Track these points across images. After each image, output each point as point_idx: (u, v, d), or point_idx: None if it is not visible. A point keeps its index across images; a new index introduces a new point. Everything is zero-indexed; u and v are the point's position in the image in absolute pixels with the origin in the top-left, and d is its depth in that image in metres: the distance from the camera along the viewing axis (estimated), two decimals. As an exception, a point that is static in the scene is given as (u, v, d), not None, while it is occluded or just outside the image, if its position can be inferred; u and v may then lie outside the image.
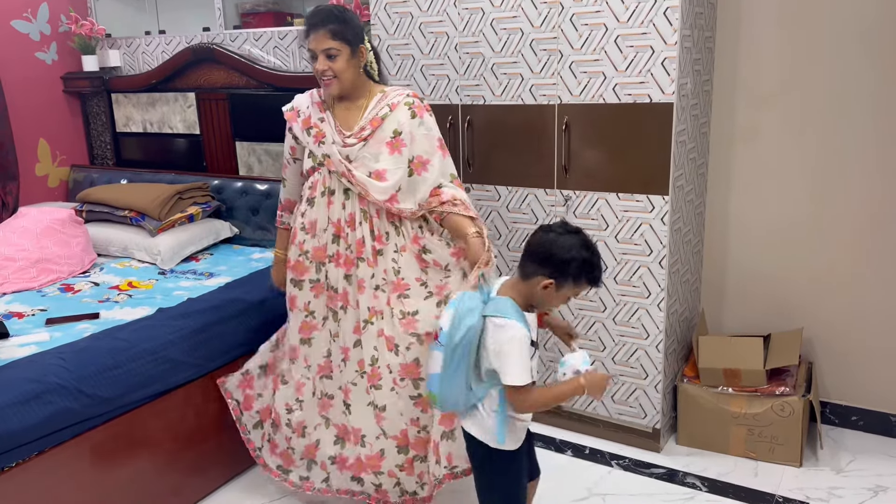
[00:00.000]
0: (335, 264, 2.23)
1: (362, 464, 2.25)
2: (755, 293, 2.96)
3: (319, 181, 2.23)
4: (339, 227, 2.21)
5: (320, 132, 2.22)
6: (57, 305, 2.71)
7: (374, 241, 2.21)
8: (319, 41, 2.12)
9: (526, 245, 1.80)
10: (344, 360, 2.26)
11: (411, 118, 2.19)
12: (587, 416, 2.86)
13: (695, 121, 2.68)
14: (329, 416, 2.32)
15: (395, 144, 2.18)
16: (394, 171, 2.17)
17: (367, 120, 2.20)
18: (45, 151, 3.97)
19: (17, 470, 1.94)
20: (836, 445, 2.74)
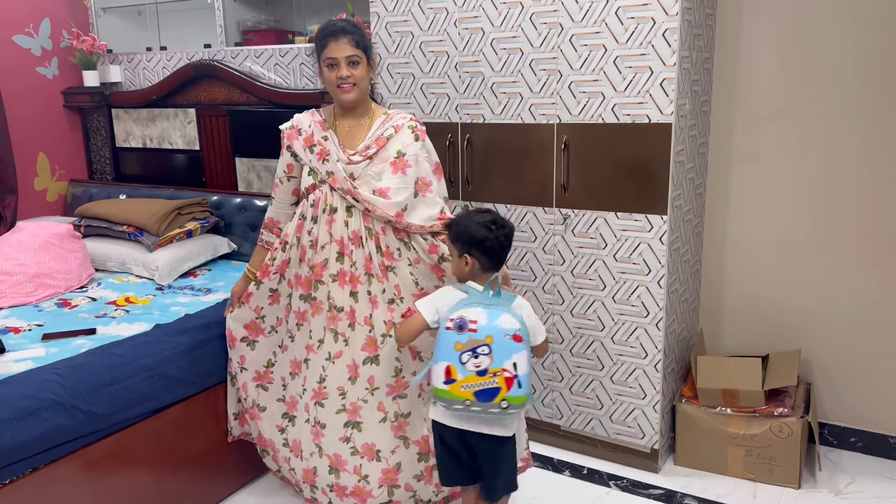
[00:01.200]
0: (339, 283, 2.22)
1: (362, 492, 2.24)
2: (753, 313, 2.96)
3: (321, 199, 2.24)
4: (343, 244, 2.22)
5: (324, 150, 2.23)
6: (54, 321, 2.70)
7: (383, 257, 2.22)
8: (342, 48, 2.16)
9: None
10: (351, 378, 2.24)
11: (415, 141, 2.24)
12: (585, 435, 2.84)
13: (693, 141, 2.70)
14: (322, 445, 2.28)
15: (398, 164, 2.21)
16: (397, 191, 2.19)
17: (372, 139, 2.23)
18: (45, 165, 3.97)
19: (10, 487, 1.93)
20: (834, 467, 2.73)
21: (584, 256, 2.70)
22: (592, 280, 2.69)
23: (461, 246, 2.03)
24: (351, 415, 2.24)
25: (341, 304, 2.23)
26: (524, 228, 2.79)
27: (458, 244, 2.04)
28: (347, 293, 2.22)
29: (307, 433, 2.31)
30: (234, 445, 2.61)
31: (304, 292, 2.29)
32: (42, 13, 3.86)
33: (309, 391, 2.29)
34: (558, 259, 2.75)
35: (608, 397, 2.76)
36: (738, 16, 2.79)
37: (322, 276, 2.24)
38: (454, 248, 2.07)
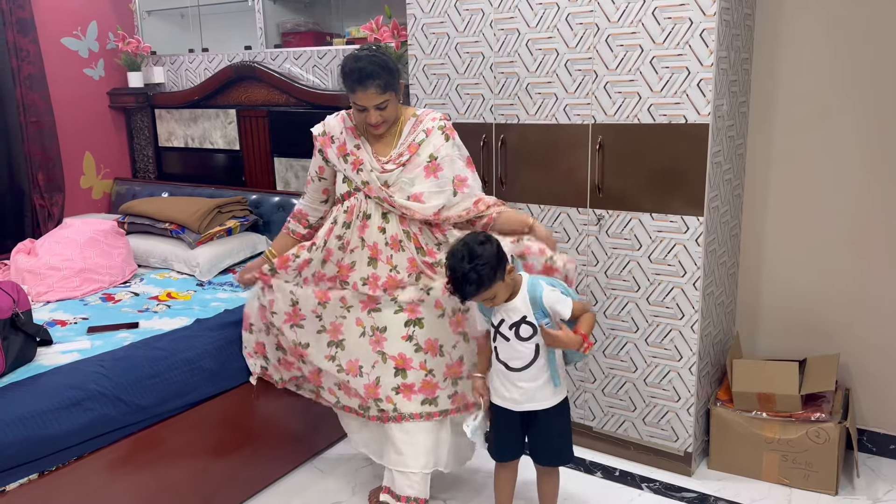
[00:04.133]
0: (371, 287, 2.27)
1: (430, 384, 2.30)
2: (791, 317, 2.91)
3: (356, 206, 2.28)
4: (376, 250, 2.25)
5: (358, 159, 2.27)
6: (98, 314, 2.78)
7: (426, 255, 2.26)
8: (370, 98, 2.16)
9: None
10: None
11: (445, 141, 2.27)
12: (618, 437, 2.83)
13: (731, 142, 2.67)
14: (384, 349, 2.30)
15: (431, 168, 2.25)
16: (430, 195, 2.23)
17: (404, 146, 2.27)
18: (90, 164, 4.09)
19: (56, 474, 2.00)
20: (873, 474, 2.68)
21: (618, 257, 2.69)
22: (626, 281, 2.68)
23: (499, 273, 2.00)
24: (410, 313, 2.28)
25: (378, 324, 2.31)
26: (558, 229, 2.79)
27: (497, 276, 1.99)
28: (379, 294, 2.29)
29: (365, 345, 2.32)
30: (272, 438, 2.66)
31: (328, 286, 2.36)
32: (89, 16, 3.98)
33: (356, 306, 2.32)
34: (592, 260, 2.75)
35: (641, 399, 2.74)
36: (777, 16, 2.76)
37: (348, 277, 2.29)
38: (496, 286, 2.01)
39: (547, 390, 2.10)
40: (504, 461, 2.28)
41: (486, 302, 2.06)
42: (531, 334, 2.05)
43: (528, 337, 2.05)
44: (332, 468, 2.83)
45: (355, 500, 2.60)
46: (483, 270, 1.96)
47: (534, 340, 2.05)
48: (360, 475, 2.76)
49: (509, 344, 2.08)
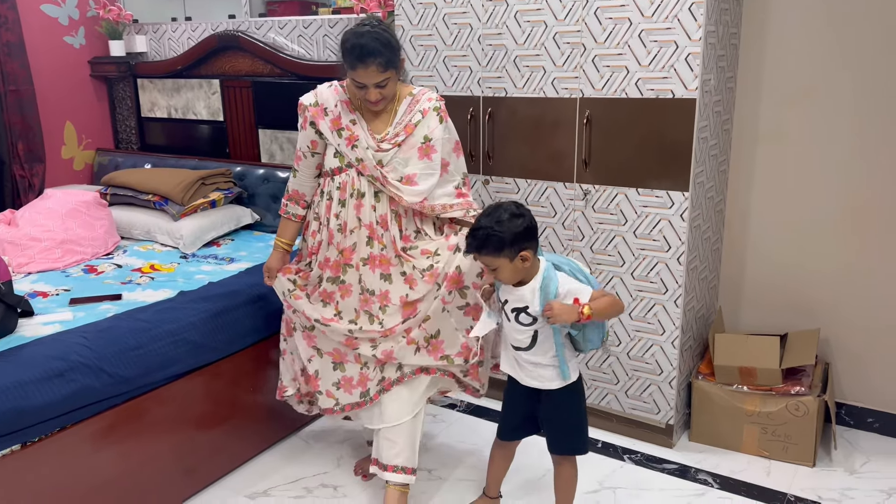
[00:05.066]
0: (370, 267, 2.25)
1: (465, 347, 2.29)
2: (773, 292, 2.94)
3: (348, 183, 2.24)
4: (372, 228, 2.23)
5: (353, 135, 2.23)
6: (80, 286, 2.76)
7: (402, 240, 2.26)
8: (371, 76, 2.10)
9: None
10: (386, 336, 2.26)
11: (440, 123, 2.25)
12: (601, 410, 2.86)
13: (717, 117, 2.67)
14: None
15: (425, 150, 2.23)
16: (424, 177, 2.21)
17: (401, 126, 2.23)
18: (72, 134, 4.03)
19: (39, 445, 1.99)
20: (850, 447, 2.73)
21: (603, 232, 2.69)
22: (612, 256, 2.70)
23: (509, 250, 1.92)
24: (385, 359, 2.26)
25: (373, 286, 2.25)
26: (544, 204, 2.79)
27: (506, 250, 1.92)
28: (378, 276, 2.25)
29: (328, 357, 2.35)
30: (257, 410, 2.67)
31: (333, 275, 2.29)
32: (69, -18, 3.89)
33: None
34: (577, 235, 2.75)
35: (624, 373, 2.77)
36: (767, -10, 2.74)
37: (351, 259, 2.26)
38: (500, 259, 1.93)
39: (550, 372, 2.04)
40: (502, 439, 2.26)
41: (490, 272, 2.00)
42: (529, 323, 2.00)
43: (528, 324, 2.00)
44: (316, 440, 2.85)
45: (340, 472, 2.62)
46: (494, 237, 1.90)
47: (532, 327, 2.00)
48: (344, 447, 2.78)
49: (510, 325, 2.05)
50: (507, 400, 2.22)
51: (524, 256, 1.93)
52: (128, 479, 2.24)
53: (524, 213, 1.95)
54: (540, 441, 2.19)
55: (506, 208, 1.95)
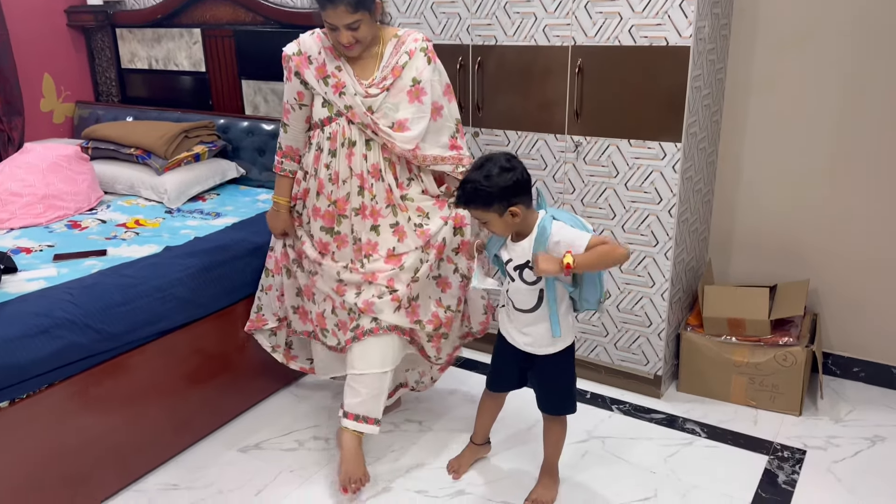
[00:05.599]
0: (362, 217, 2.22)
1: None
2: (764, 244, 2.94)
3: (339, 132, 2.19)
4: (363, 178, 2.19)
5: (340, 82, 2.17)
6: (64, 242, 2.72)
7: (398, 188, 2.22)
8: (340, 17, 2.03)
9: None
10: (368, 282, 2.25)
11: (428, 64, 2.19)
12: (589, 362, 2.88)
13: (711, 66, 2.62)
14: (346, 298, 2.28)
15: (414, 93, 2.17)
16: (415, 121, 2.17)
17: (388, 69, 2.17)
18: (50, 87, 3.93)
19: (26, 402, 1.98)
20: (836, 396, 2.77)
21: (594, 185, 2.67)
22: (602, 209, 2.67)
23: (498, 205, 1.87)
24: (365, 309, 2.24)
25: (361, 235, 2.23)
26: (535, 156, 2.75)
27: (495, 204, 1.87)
28: (369, 226, 2.22)
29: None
30: (247, 365, 2.66)
31: (326, 225, 2.26)
32: (41, -74, 3.74)
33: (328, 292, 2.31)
34: (568, 188, 2.72)
35: (614, 325, 2.78)
36: (764, -67, 2.67)
37: (345, 210, 2.23)
38: (489, 214, 1.89)
39: (548, 337, 2.03)
40: (492, 391, 2.28)
41: (481, 224, 1.97)
42: (535, 279, 1.95)
43: (533, 282, 1.96)
44: (308, 394, 2.85)
45: (332, 424, 2.64)
46: (483, 191, 1.86)
47: (539, 286, 1.96)
48: (336, 401, 2.79)
49: (514, 286, 2.01)
50: (498, 355, 2.21)
51: (514, 212, 1.89)
52: (118, 434, 2.24)
53: (515, 167, 1.90)
54: (529, 393, 2.20)
55: (496, 161, 1.90)
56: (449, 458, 2.41)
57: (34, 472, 2.01)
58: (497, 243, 2.04)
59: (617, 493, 2.25)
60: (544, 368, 2.10)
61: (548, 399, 2.16)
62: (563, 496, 2.23)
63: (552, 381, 2.12)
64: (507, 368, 2.18)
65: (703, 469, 2.35)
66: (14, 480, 1.96)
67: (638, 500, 2.22)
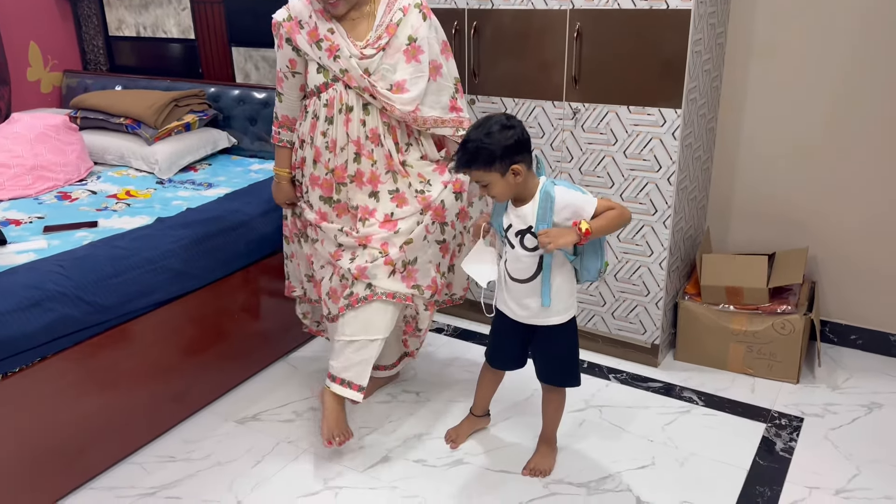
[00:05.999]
0: (357, 184, 2.18)
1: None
2: (762, 211, 2.92)
3: (335, 98, 2.13)
4: (360, 144, 2.14)
5: (333, 45, 2.10)
6: (54, 213, 2.67)
7: (399, 153, 2.18)
8: None
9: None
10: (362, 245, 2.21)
11: (423, 21, 2.12)
12: (587, 331, 2.87)
13: (711, 30, 2.57)
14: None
15: (411, 52, 2.10)
16: (414, 81, 2.11)
17: (382, 28, 2.10)
18: (37, 55, 3.84)
19: (19, 375, 1.96)
20: (833, 363, 2.77)
21: (593, 153, 2.63)
22: (601, 177, 2.64)
23: (500, 164, 1.84)
24: (358, 275, 2.20)
25: (356, 202, 2.19)
26: (532, 124, 2.70)
27: (496, 164, 1.84)
28: (367, 193, 2.18)
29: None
30: (243, 337, 2.65)
31: (325, 194, 2.23)
32: None
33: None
34: (566, 156, 2.68)
35: (611, 294, 2.76)
36: None
37: (344, 178, 2.18)
38: (491, 174, 1.85)
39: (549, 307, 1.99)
40: (492, 366, 2.25)
41: (482, 189, 1.92)
42: (536, 246, 1.91)
43: (533, 248, 1.93)
44: (304, 365, 2.84)
45: (328, 396, 2.63)
46: (484, 150, 1.83)
47: (539, 252, 1.93)
48: (332, 371, 2.78)
49: (514, 252, 1.97)
50: (497, 330, 2.19)
51: (516, 170, 1.85)
52: (114, 406, 2.22)
53: (515, 125, 1.86)
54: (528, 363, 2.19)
55: (496, 120, 1.86)
56: (447, 428, 2.41)
57: (29, 446, 2.00)
58: (499, 211, 2.01)
59: (614, 461, 2.25)
60: (545, 339, 2.08)
61: (549, 370, 2.14)
62: (561, 464, 2.24)
63: (553, 352, 2.10)
64: (508, 343, 2.16)
65: (700, 437, 2.36)
66: (9, 455, 1.95)
67: (636, 468, 2.23)
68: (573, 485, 2.16)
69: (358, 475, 2.23)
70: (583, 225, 1.82)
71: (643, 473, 2.20)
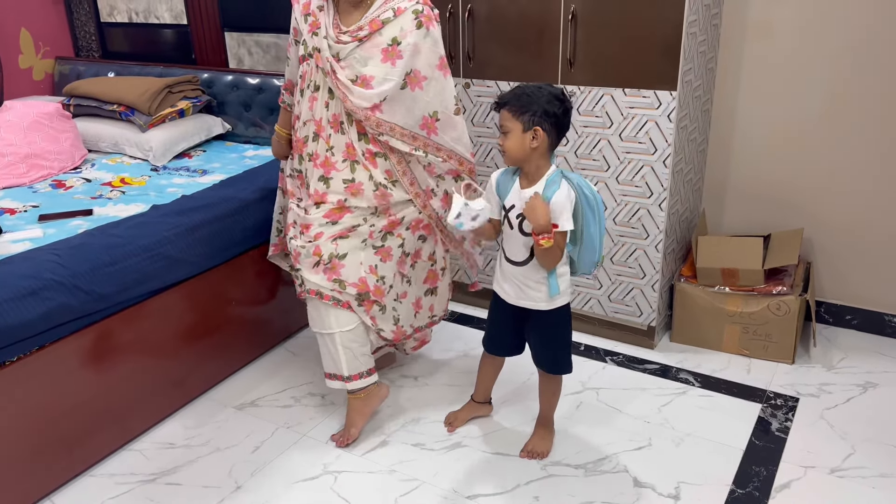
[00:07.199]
0: (313, 164, 2.16)
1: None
2: (758, 193, 2.92)
3: (308, 72, 2.13)
4: (320, 126, 2.13)
5: (316, 21, 2.10)
6: (49, 202, 2.67)
7: (370, 143, 2.11)
8: None
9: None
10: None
11: (417, 28, 2.05)
12: (583, 314, 2.88)
13: (707, 11, 2.56)
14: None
15: (390, 53, 2.04)
16: (382, 81, 2.04)
17: (366, 20, 2.06)
18: (28, 42, 3.81)
19: (18, 364, 1.96)
20: (828, 344, 2.78)
21: (588, 136, 2.62)
22: (596, 161, 2.64)
23: (530, 117, 1.84)
24: (294, 259, 2.24)
25: (310, 182, 2.18)
26: (527, 106, 2.69)
27: (527, 115, 1.84)
28: (318, 176, 2.15)
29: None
30: (241, 323, 2.65)
31: (292, 160, 2.29)
32: None
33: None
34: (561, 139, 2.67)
35: (607, 277, 2.77)
36: None
37: (303, 151, 2.20)
38: (515, 122, 1.86)
39: (542, 292, 2.01)
40: (489, 353, 2.27)
41: (501, 133, 1.90)
42: (531, 231, 1.91)
43: (530, 233, 1.93)
44: (303, 350, 2.85)
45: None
46: (525, 97, 1.85)
47: (532, 240, 1.93)
48: (330, 357, 2.79)
49: (512, 233, 1.98)
50: (493, 315, 2.20)
51: (536, 132, 1.86)
52: (112, 394, 2.23)
53: (565, 102, 1.90)
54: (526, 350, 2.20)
55: (553, 88, 1.91)
56: (446, 412, 2.42)
57: (29, 434, 2.01)
58: (505, 188, 1.99)
59: (611, 443, 2.27)
60: (539, 324, 2.09)
61: (543, 356, 2.16)
62: (559, 447, 2.25)
63: (547, 337, 2.12)
64: (504, 328, 2.17)
65: (696, 418, 2.37)
66: (9, 443, 1.95)
67: (632, 449, 2.24)
68: (570, 466, 2.18)
69: (356, 459, 2.24)
70: (547, 234, 1.85)
71: (640, 454, 2.22)
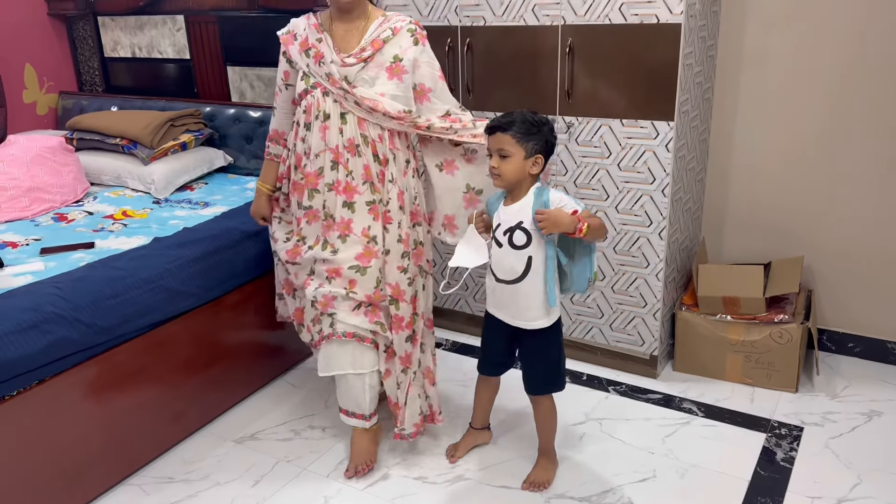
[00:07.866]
0: (335, 192, 2.18)
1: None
2: (757, 221, 2.93)
3: (313, 105, 2.15)
4: (337, 153, 2.16)
5: (318, 52, 2.14)
6: (51, 235, 2.68)
7: (381, 165, 2.17)
8: None
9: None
10: (329, 279, 2.20)
11: (414, 45, 2.14)
12: (585, 343, 2.87)
13: (702, 43, 2.59)
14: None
15: (394, 70, 2.12)
16: (394, 98, 2.13)
17: (367, 41, 2.13)
18: (32, 77, 3.86)
19: (18, 399, 1.95)
20: (831, 372, 2.77)
21: (587, 166, 2.64)
22: (595, 190, 2.65)
23: (534, 145, 1.92)
24: (322, 307, 2.22)
25: (335, 213, 2.18)
26: (526, 137, 2.71)
27: (531, 143, 1.92)
28: (341, 203, 2.17)
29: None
30: (241, 355, 2.64)
31: (299, 199, 2.24)
32: (17, -88, 3.66)
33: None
34: (560, 169, 2.70)
35: (609, 306, 2.77)
36: None
37: (317, 184, 2.19)
38: (518, 148, 1.91)
39: (535, 311, 2.01)
40: (483, 374, 2.27)
41: (498, 157, 1.93)
42: (524, 243, 1.94)
43: (522, 246, 1.95)
44: (303, 382, 2.84)
45: (328, 413, 2.62)
46: (529, 124, 1.91)
47: (527, 252, 1.95)
48: (332, 388, 2.77)
49: (501, 251, 1.99)
50: (486, 335, 2.21)
51: (537, 160, 1.94)
52: (112, 428, 2.21)
53: (556, 136, 2.03)
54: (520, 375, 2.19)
55: (549, 119, 1.98)
56: (447, 443, 2.40)
57: (28, 468, 1.99)
58: (493, 205, 2.06)
59: (616, 474, 2.25)
60: (531, 344, 2.10)
61: (534, 377, 2.15)
62: (562, 478, 2.23)
63: (539, 357, 2.11)
64: (497, 347, 2.18)
65: (701, 448, 2.35)
66: (8, 477, 1.94)
67: (637, 480, 2.22)
68: (575, 499, 2.16)
69: (358, 493, 2.22)
70: (583, 214, 1.87)
71: (644, 486, 2.20)
